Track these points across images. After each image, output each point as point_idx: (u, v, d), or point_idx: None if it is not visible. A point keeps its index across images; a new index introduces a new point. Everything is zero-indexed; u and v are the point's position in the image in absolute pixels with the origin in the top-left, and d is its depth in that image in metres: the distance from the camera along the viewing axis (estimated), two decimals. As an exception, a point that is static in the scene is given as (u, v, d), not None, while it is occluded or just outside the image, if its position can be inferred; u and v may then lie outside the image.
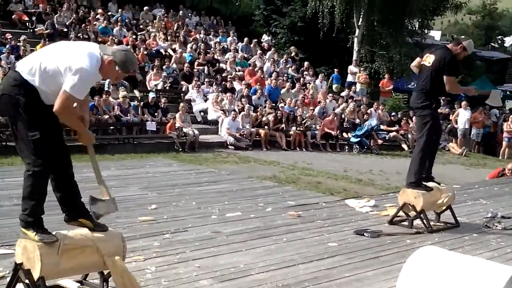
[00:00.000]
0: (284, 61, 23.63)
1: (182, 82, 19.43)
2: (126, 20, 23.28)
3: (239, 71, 21.65)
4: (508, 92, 32.39)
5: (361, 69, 24.48)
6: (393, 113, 20.95)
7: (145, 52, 20.48)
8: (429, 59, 7.34)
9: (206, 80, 19.76)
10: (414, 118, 16.30)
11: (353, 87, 23.09)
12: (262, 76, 20.88)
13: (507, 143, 20.42)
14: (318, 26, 25.62)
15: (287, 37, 28.30)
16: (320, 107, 19.71)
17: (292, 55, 25.10)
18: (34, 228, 4.22)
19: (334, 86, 24.20)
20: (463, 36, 7.85)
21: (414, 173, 7.42)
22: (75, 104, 4.40)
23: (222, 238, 6.49)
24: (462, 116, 20.96)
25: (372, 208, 8.44)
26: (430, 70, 7.28)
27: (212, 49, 22.95)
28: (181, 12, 26.50)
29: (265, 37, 26.24)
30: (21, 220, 4.30)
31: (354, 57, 25.47)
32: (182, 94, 18.97)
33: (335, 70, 24.77)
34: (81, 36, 19.43)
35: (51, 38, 18.49)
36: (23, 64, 4.39)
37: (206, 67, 20.93)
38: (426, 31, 31.01)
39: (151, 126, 15.90)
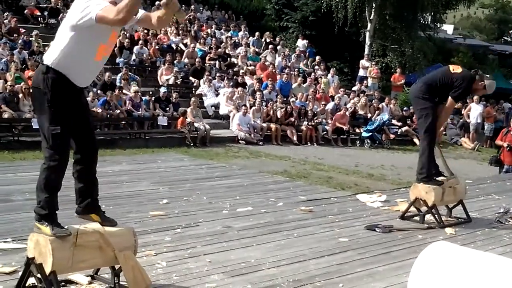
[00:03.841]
0: (295, 56, 23.56)
1: (193, 77, 19.45)
2: (138, 15, 23.30)
3: (250, 65, 21.63)
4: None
5: (373, 63, 24.38)
6: (405, 108, 20.83)
7: (157, 47, 20.52)
8: (457, 69, 7.38)
9: (218, 74, 19.76)
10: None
11: (364, 82, 23.01)
12: (273, 70, 20.85)
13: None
14: (331, 20, 25.50)
15: (298, 31, 28.20)
16: (334, 104, 19.63)
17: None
18: (48, 221, 4.23)
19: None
20: (488, 76, 7.74)
21: (424, 168, 7.39)
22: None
23: (233, 233, 6.49)
24: (474, 111, 20.85)
25: (383, 203, 8.42)
26: (450, 76, 7.27)
27: (223, 43, 22.95)
28: (192, 6, 26.47)
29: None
30: (35, 213, 4.32)
31: (366, 52, 25.37)
32: (193, 89, 18.96)
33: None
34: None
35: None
36: (46, 53, 4.45)
37: (217, 62, 20.93)
38: (438, 25, 30.85)
39: (162, 121, 15.92)
